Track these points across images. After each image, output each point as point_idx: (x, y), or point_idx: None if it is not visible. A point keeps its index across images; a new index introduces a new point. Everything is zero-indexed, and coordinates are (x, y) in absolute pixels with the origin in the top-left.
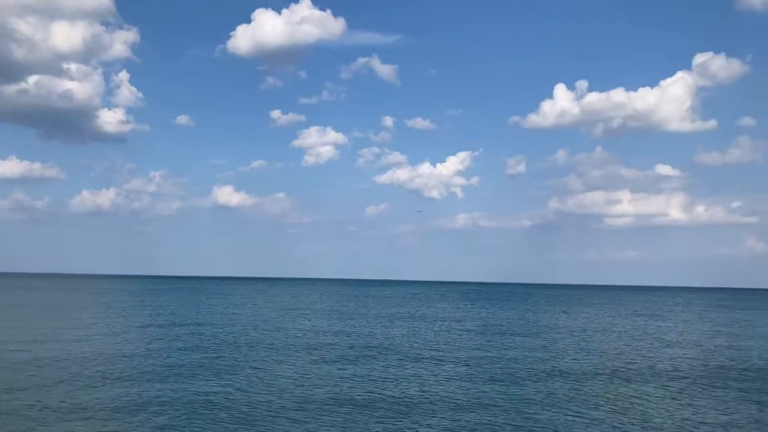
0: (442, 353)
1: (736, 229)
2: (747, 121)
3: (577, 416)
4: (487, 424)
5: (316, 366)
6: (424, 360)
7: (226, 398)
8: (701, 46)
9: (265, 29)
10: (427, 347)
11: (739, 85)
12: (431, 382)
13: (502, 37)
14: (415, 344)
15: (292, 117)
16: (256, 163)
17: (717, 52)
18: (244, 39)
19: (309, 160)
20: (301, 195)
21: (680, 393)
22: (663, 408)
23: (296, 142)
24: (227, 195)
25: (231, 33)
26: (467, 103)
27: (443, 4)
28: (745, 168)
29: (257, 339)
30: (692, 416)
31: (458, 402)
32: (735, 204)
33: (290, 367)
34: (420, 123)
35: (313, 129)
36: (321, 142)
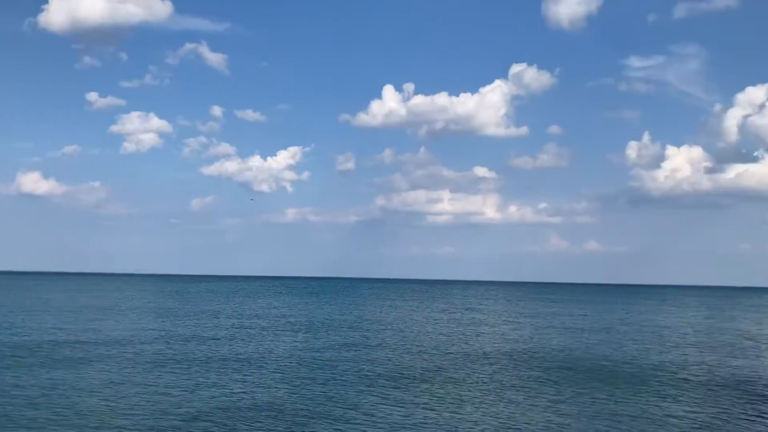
0: (263, 350)
1: (542, 228)
2: (554, 129)
3: (396, 405)
4: (305, 416)
5: (129, 367)
6: (244, 356)
7: (28, 401)
8: (517, 57)
9: (83, 5)
10: (251, 343)
11: (549, 95)
12: (252, 379)
13: (335, 35)
14: (239, 341)
15: (110, 100)
16: (69, 149)
17: (530, 63)
18: (58, 14)
19: (129, 147)
20: (119, 184)
21: (490, 377)
22: (474, 394)
23: (115, 128)
24: (33, 182)
25: (43, 6)
26: (299, 98)
27: None
28: (552, 172)
29: (63, 339)
30: (499, 399)
31: (278, 397)
32: (542, 205)
33: (101, 367)
34: (251, 115)
35: (134, 114)
36: (143, 129)
